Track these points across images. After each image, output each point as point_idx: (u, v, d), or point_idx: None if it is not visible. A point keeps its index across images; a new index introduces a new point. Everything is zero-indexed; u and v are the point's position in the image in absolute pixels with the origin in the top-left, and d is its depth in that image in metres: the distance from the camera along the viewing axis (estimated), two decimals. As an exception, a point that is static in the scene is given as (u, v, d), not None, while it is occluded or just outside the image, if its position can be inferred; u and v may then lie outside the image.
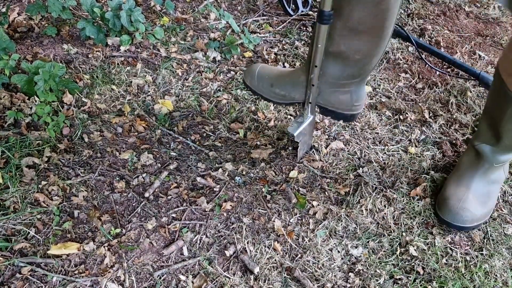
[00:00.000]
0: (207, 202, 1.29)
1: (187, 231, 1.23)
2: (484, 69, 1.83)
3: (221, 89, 1.64)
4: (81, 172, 1.34)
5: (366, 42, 1.10)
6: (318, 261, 1.20)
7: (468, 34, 2.02)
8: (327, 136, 1.49)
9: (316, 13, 1.19)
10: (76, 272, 1.13)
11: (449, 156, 1.48)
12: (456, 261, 1.22)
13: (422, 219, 1.31)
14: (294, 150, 1.45)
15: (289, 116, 1.56)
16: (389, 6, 1.01)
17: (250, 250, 1.20)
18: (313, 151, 1.45)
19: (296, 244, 1.23)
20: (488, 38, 2.01)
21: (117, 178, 1.34)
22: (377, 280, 1.17)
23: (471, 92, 1.71)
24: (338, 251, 1.22)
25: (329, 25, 1.07)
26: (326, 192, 1.35)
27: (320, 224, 1.27)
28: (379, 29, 1.07)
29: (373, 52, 1.14)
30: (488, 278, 1.20)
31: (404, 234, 1.27)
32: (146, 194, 1.30)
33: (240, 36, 1.82)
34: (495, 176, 1.31)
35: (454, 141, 1.53)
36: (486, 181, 1.30)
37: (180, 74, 1.69)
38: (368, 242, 1.25)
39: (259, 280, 1.14)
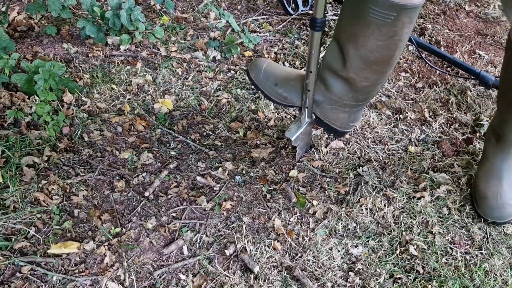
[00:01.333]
0: (207, 201, 1.29)
1: (187, 230, 1.23)
2: (484, 69, 1.83)
3: (221, 89, 1.64)
4: (81, 171, 1.34)
5: (375, 71, 1.15)
6: (318, 260, 1.20)
7: (468, 33, 2.02)
8: (327, 135, 1.49)
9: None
10: (76, 271, 1.13)
11: (449, 155, 1.48)
12: (456, 260, 1.22)
13: (422, 218, 1.31)
14: (294, 149, 1.45)
15: (289, 116, 1.56)
16: (402, 37, 1.05)
17: (250, 249, 1.20)
18: (313, 151, 1.45)
19: (296, 243, 1.23)
20: (488, 37, 2.01)
21: (117, 177, 1.34)
22: (377, 279, 1.17)
23: (471, 91, 1.71)
24: (338, 250, 1.22)
25: (322, 32, 1.07)
26: (326, 191, 1.35)
27: (320, 223, 1.27)
28: (389, 59, 1.11)
29: (380, 80, 1.19)
30: (488, 277, 1.20)
31: (404, 233, 1.27)
32: (146, 193, 1.30)
33: (240, 35, 1.82)
34: None
35: (454, 141, 1.53)
36: None
37: (180, 73, 1.69)
38: (368, 241, 1.25)
39: (259, 279, 1.14)
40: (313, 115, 1.34)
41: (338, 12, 2.06)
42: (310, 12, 2.05)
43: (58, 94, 1.49)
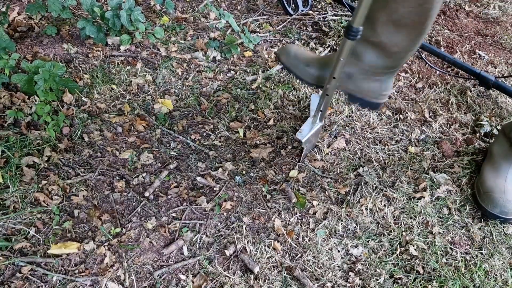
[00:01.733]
0: (207, 202, 1.29)
1: (187, 231, 1.23)
2: (484, 69, 1.83)
3: (221, 89, 1.64)
4: (81, 172, 1.34)
5: (406, 37, 1.15)
6: (318, 260, 1.20)
7: (468, 34, 2.02)
8: (328, 134, 1.49)
9: (344, 25, 1.19)
10: (76, 271, 1.13)
11: (449, 155, 1.48)
12: (456, 260, 1.22)
13: (422, 218, 1.31)
14: (294, 149, 1.45)
15: (288, 116, 1.56)
16: (433, 6, 1.06)
17: (250, 250, 1.20)
18: (315, 151, 1.45)
19: (296, 244, 1.23)
20: (488, 37, 2.01)
21: (117, 178, 1.34)
22: (377, 280, 1.17)
23: (471, 91, 1.71)
24: (338, 251, 1.22)
25: (355, 40, 1.06)
26: (326, 192, 1.35)
27: (320, 223, 1.27)
28: (420, 25, 1.11)
29: (410, 47, 1.19)
30: (488, 277, 1.20)
31: (404, 233, 1.27)
32: (146, 194, 1.30)
33: (240, 35, 1.82)
34: None
35: (454, 141, 1.53)
36: None
37: (180, 73, 1.69)
38: (368, 241, 1.25)
39: (259, 280, 1.14)
40: (344, 94, 1.37)
41: (338, 12, 2.06)
42: (310, 12, 2.05)
43: (58, 94, 1.49)
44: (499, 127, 1.57)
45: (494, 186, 1.32)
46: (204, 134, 1.49)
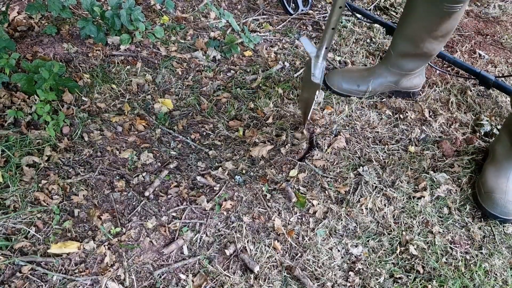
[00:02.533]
0: (207, 201, 1.29)
1: (187, 230, 1.23)
2: (484, 68, 1.83)
3: (221, 88, 1.64)
4: (81, 171, 1.34)
5: (442, 41, 1.44)
6: (318, 260, 1.20)
7: (468, 33, 2.02)
8: (328, 133, 1.49)
9: (314, 11, 1.21)
10: (76, 271, 1.13)
11: (449, 155, 1.48)
12: (456, 260, 1.22)
13: (422, 218, 1.31)
14: (293, 146, 1.45)
15: (288, 114, 1.56)
16: (461, 12, 1.35)
17: (250, 249, 1.20)
18: (316, 152, 1.45)
19: (296, 243, 1.23)
20: (488, 37, 2.01)
21: (117, 177, 1.34)
22: (377, 279, 1.17)
23: (471, 91, 1.71)
24: (338, 250, 1.22)
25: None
26: (326, 191, 1.35)
27: (320, 223, 1.27)
28: (452, 29, 1.41)
29: (443, 44, 1.48)
30: (488, 277, 1.20)
31: (404, 233, 1.27)
32: (146, 193, 1.30)
33: (240, 35, 1.82)
34: None
35: (454, 140, 1.53)
36: None
37: (180, 73, 1.69)
38: (368, 241, 1.25)
39: (259, 279, 1.14)
40: (389, 93, 1.66)
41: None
42: (310, 12, 2.05)
43: (58, 93, 1.49)
44: (499, 127, 1.57)
45: (495, 186, 1.32)
46: (204, 133, 1.49)
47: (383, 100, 1.64)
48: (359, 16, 1.94)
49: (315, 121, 1.53)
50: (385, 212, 1.31)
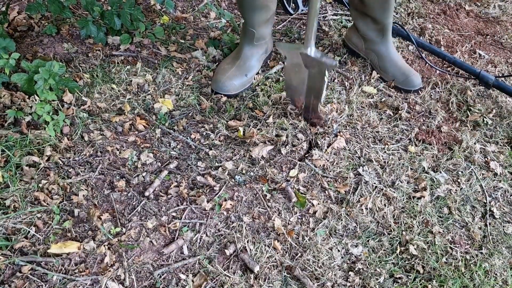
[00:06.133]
0: (207, 201, 1.29)
1: (187, 230, 1.23)
2: (484, 68, 1.83)
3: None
4: (81, 171, 1.34)
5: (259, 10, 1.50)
6: (318, 260, 1.20)
7: (468, 33, 2.02)
8: (329, 133, 1.49)
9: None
10: (76, 271, 1.13)
11: (448, 154, 1.48)
12: (456, 260, 1.23)
13: (422, 218, 1.31)
14: (293, 146, 1.45)
15: (288, 113, 1.56)
16: None
17: (250, 249, 1.20)
18: (316, 152, 1.45)
19: (296, 243, 1.23)
20: (489, 37, 2.01)
21: (117, 177, 1.34)
22: (377, 279, 1.17)
23: (471, 91, 1.71)
24: (338, 250, 1.22)
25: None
26: (326, 191, 1.35)
27: (320, 223, 1.27)
28: None
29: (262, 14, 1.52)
30: (488, 277, 1.20)
31: (404, 233, 1.27)
32: (146, 193, 1.30)
33: (240, 34, 1.82)
34: None
35: (454, 140, 1.53)
36: None
37: (180, 73, 1.69)
38: (368, 241, 1.25)
39: (259, 279, 1.14)
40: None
41: (338, 12, 2.06)
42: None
43: (58, 93, 1.49)
44: (490, 121, 1.58)
45: None
46: (204, 133, 1.49)
47: (384, 99, 1.64)
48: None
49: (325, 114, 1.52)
50: (385, 212, 1.31)
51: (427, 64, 1.80)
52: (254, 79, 1.65)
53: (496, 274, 1.20)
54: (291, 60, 1.38)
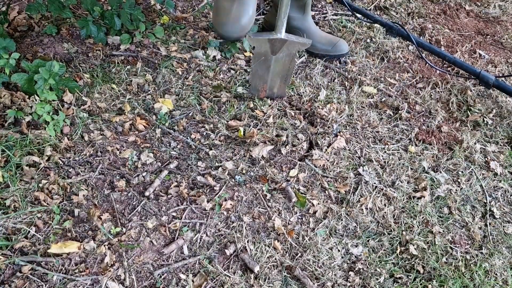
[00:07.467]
0: (207, 201, 1.29)
1: (187, 230, 1.23)
2: (484, 68, 1.83)
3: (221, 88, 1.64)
4: (81, 171, 1.34)
5: None
6: (318, 260, 1.20)
7: (468, 33, 2.02)
8: (329, 133, 1.49)
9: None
10: (77, 271, 1.13)
11: (449, 154, 1.48)
12: (456, 260, 1.23)
13: (422, 217, 1.31)
14: (294, 146, 1.45)
15: (288, 113, 1.56)
16: None
17: (250, 249, 1.20)
18: (315, 152, 1.45)
19: (296, 243, 1.23)
20: (489, 37, 2.01)
21: (118, 177, 1.34)
22: (377, 279, 1.17)
23: (471, 91, 1.71)
24: (338, 250, 1.22)
25: None
26: (326, 191, 1.35)
27: (320, 223, 1.27)
28: None
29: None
30: (488, 277, 1.20)
31: (404, 233, 1.27)
32: (147, 193, 1.30)
33: (240, 35, 1.81)
34: None
35: (454, 140, 1.53)
36: None
37: (180, 73, 1.69)
38: (368, 241, 1.25)
39: (259, 279, 1.14)
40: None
41: (338, 12, 2.06)
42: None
43: (58, 93, 1.49)
44: (490, 121, 1.58)
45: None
46: (204, 133, 1.49)
47: (384, 99, 1.64)
48: (359, 16, 1.94)
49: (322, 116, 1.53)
50: (385, 212, 1.31)
51: (427, 64, 1.80)
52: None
53: (496, 274, 1.20)
54: (259, 49, 1.45)
